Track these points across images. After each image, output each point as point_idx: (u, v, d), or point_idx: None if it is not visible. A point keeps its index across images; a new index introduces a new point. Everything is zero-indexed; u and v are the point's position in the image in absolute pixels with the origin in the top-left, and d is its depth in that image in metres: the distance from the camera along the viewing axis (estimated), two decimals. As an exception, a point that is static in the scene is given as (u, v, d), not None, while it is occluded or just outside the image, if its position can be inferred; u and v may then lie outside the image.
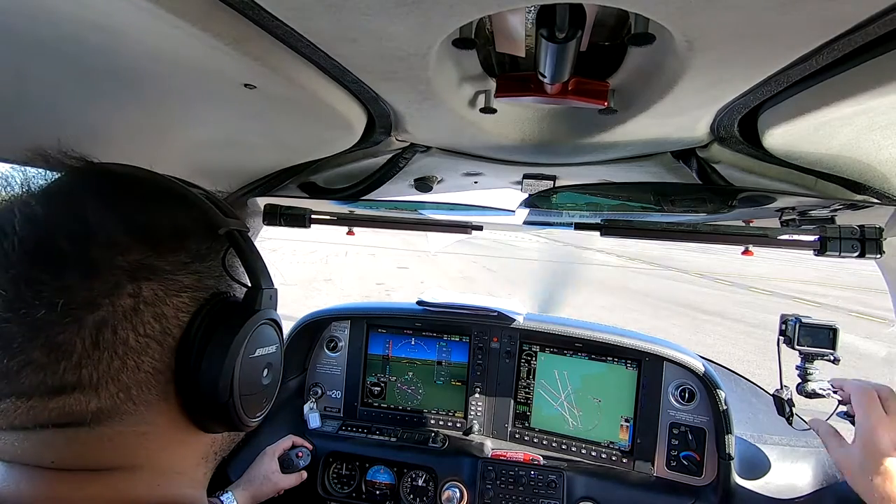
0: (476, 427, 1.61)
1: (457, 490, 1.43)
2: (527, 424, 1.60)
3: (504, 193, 1.32)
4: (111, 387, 0.38)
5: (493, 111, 0.69)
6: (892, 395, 0.80)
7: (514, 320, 1.61)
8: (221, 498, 1.18)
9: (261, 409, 0.49)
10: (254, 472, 1.31)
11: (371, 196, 1.08)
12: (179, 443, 0.44)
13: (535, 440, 1.57)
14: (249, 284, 0.48)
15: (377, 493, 1.52)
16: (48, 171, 0.45)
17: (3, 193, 0.41)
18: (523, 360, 1.62)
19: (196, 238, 0.45)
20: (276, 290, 0.50)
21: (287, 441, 1.43)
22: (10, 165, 0.46)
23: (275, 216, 1.13)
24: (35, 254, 0.36)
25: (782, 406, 0.99)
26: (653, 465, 1.45)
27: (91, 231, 0.38)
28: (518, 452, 1.52)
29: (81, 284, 0.37)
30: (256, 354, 0.46)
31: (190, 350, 0.42)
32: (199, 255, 0.45)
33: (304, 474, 1.40)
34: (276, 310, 0.50)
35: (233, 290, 0.48)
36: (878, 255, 0.84)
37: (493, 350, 1.62)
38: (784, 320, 0.98)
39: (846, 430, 0.86)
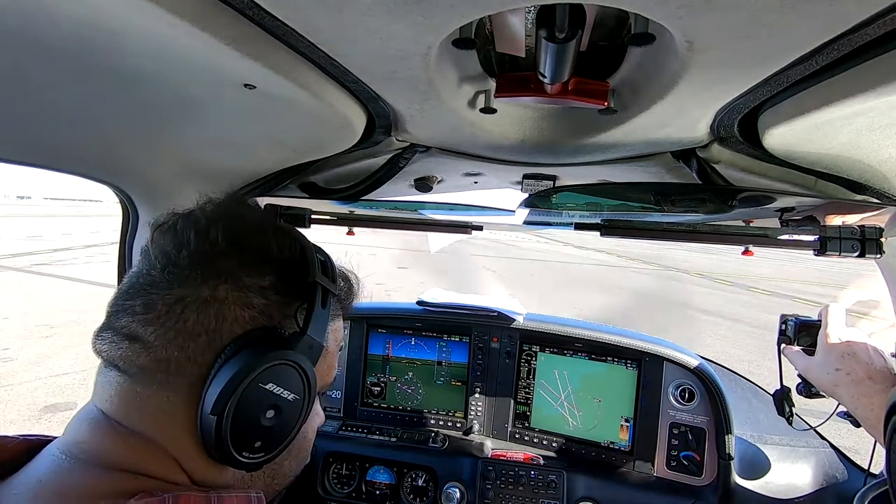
0: (476, 427, 1.60)
1: (457, 490, 1.43)
2: (527, 424, 1.60)
3: (504, 193, 1.32)
4: (158, 352, 0.44)
5: (493, 111, 0.69)
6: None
7: (514, 320, 1.61)
8: None
9: (252, 450, 0.47)
10: None
11: (371, 196, 1.08)
12: (194, 446, 0.46)
13: (535, 440, 1.57)
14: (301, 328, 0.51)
15: (377, 493, 1.52)
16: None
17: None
18: (523, 360, 1.62)
19: (283, 274, 0.51)
20: (321, 345, 0.52)
21: None
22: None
23: (275, 216, 1.13)
24: (177, 236, 0.49)
25: (782, 406, 0.99)
26: (653, 465, 1.45)
27: (211, 233, 0.49)
28: (518, 452, 1.52)
29: (187, 266, 0.46)
30: (267, 387, 0.46)
31: (222, 358, 0.45)
32: (280, 290, 0.50)
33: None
34: (314, 364, 0.51)
35: (291, 330, 0.51)
36: (878, 255, 0.84)
37: (493, 350, 1.62)
38: (784, 320, 0.98)
39: (847, 430, 0.87)
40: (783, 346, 0.96)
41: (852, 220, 0.89)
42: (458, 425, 1.64)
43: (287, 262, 0.52)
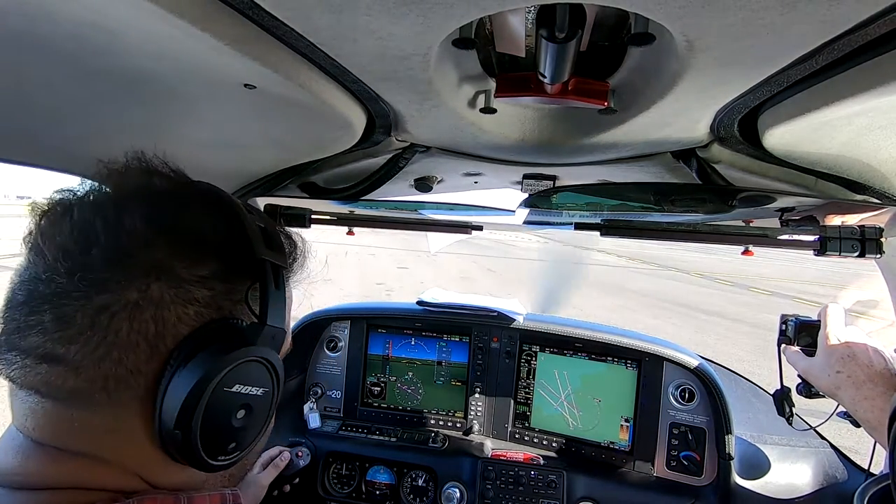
0: (476, 427, 1.60)
1: (457, 490, 1.43)
2: (527, 424, 1.60)
3: (504, 193, 1.32)
4: (90, 371, 0.38)
5: (493, 111, 0.69)
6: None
7: (514, 320, 1.61)
8: None
9: (225, 453, 0.44)
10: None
11: (371, 196, 1.08)
12: (153, 460, 0.42)
13: (535, 440, 1.57)
14: (259, 317, 0.46)
15: (377, 493, 1.52)
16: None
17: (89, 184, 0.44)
18: (523, 360, 1.62)
19: (225, 257, 0.44)
20: (283, 331, 0.47)
21: (274, 450, 1.38)
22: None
23: (275, 216, 1.13)
24: (79, 228, 0.39)
25: (782, 406, 0.99)
26: (653, 465, 1.45)
27: (126, 220, 0.40)
28: (518, 452, 1.52)
29: (101, 265, 0.39)
30: (233, 389, 0.42)
31: (172, 363, 0.40)
32: (222, 274, 0.44)
33: (281, 465, 1.32)
34: (278, 352, 0.47)
35: (247, 318, 0.46)
36: (878, 255, 0.84)
37: (493, 350, 1.62)
38: (784, 320, 0.98)
39: (847, 430, 0.87)
40: (783, 346, 0.96)
41: (852, 220, 0.89)
42: (458, 425, 1.64)
43: (226, 241, 0.45)
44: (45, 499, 0.38)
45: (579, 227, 1.07)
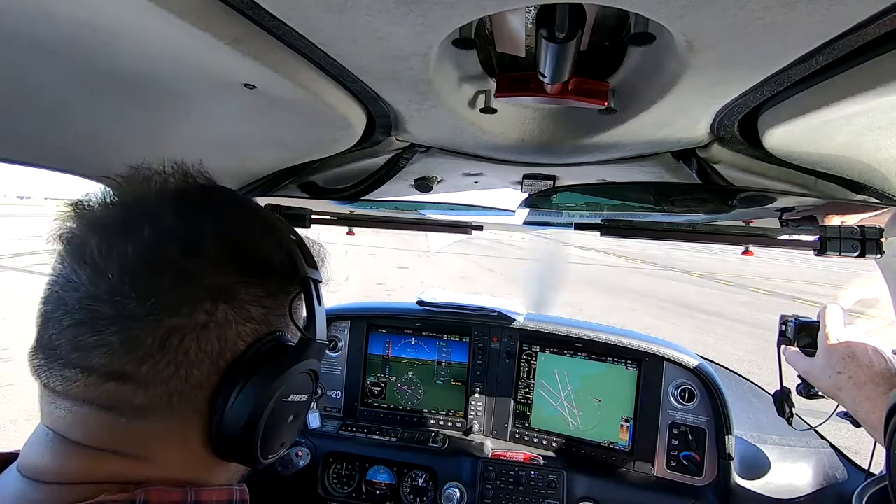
0: (476, 427, 1.60)
1: (457, 490, 1.43)
2: (527, 424, 1.60)
3: (504, 193, 1.32)
4: (158, 388, 0.40)
5: (494, 111, 0.69)
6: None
7: (514, 320, 1.61)
8: None
9: (275, 452, 0.49)
10: None
11: (371, 196, 1.08)
12: (201, 460, 0.45)
13: (535, 440, 1.57)
14: (306, 331, 0.49)
15: (377, 493, 1.52)
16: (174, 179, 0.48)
17: (145, 193, 0.45)
18: (523, 361, 1.62)
19: (276, 277, 0.47)
20: (326, 344, 0.52)
21: None
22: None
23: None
24: (148, 253, 0.40)
25: (782, 406, 0.99)
26: (653, 466, 1.45)
27: (197, 245, 0.42)
28: (518, 452, 1.52)
29: (171, 290, 0.40)
30: (290, 399, 0.47)
31: (234, 378, 0.43)
32: (273, 293, 0.47)
33: None
34: (320, 361, 0.51)
35: (290, 331, 0.49)
36: (878, 255, 0.84)
37: (493, 350, 1.62)
38: (784, 321, 0.98)
39: (847, 430, 0.86)
40: (783, 347, 0.95)
41: (852, 220, 0.89)
42: (458, 425, 1.64)
43: (277, 262, 0.48)
44: (77, 492, 0.39)
45: (579, 227, 1.07)
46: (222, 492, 0.44)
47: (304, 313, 0.51)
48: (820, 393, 0.90)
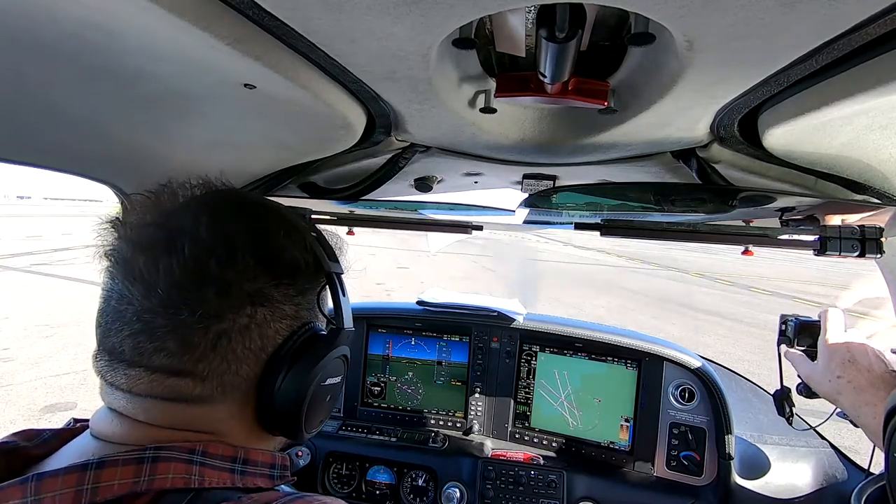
0: (476, 427, 1.60)
1: (457, 490, 1.43)
2: (527, 424, 1.60)
3: (504, 193, 1.32)
4: (213, 381, 0.47)
5: (493, 111, 0.69)
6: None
7: (514, 320, 1.61)
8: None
9: (315, 428, 0.56)
10: None
11: (371, 196, 1.08)
12: (253, 431, 0.52)
13: (535, 440, 1.57)
14: (334, 321, 0.56)
15: (377, 493, 1.52)
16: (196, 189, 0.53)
17: (173, 207, 0.50)
18: (523, 360, 1.62)
19: (304, 276, 0.53)
20: (353, 330, 0.59)
21: None
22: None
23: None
24: (190, 268, 0.45)
25: (782, 406, 0.99)
26: (653, 465, 1.45)
27: (233, 258, 0.47)
28: (518, 452, 1.52)
29: (216, 300, 0.46)
30: (327, 383, 0.54)
31: (276, 367, 0.50)
32: (303, 290, 0.53)
33: None
34: (349, 347, 0.58)
35: (318, 321, 0.55)
36: (878, 255, 0.84)
37: (493, 350, 1.62)
38: (784, 320, 0.98)
39: (847, 430, 0.86)
40: (784, 348, 0.95)
41: (852, 219, 0.89)
42: (458, 425, 1.64)
43: (305, 262, 0.53)
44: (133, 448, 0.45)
45: (579, 226, 1.07)
46: (266, 455, 0.51)
47: (331, 304, 0.57)
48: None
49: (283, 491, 0.48)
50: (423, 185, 1.21)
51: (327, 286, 0.56)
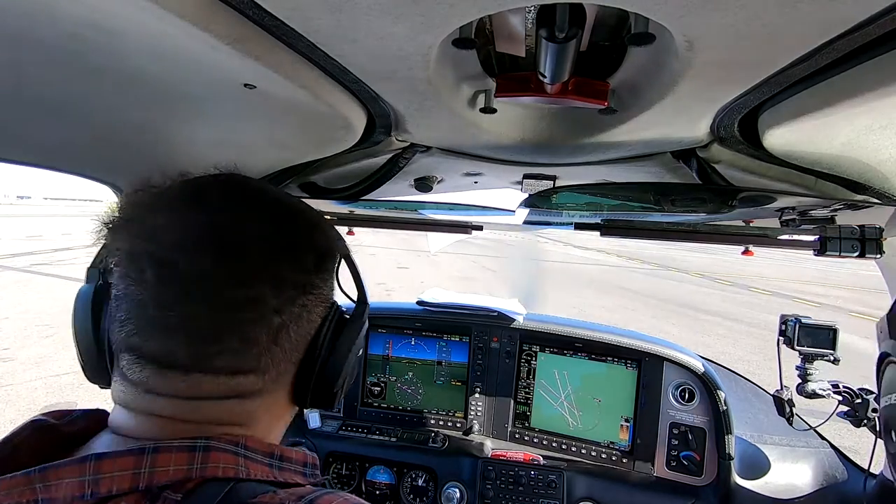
0: (476, 427, 1.61)
1: (457, 490, 1.44)
2: (527, 424, 1.60)
3: (504, 193, 1.32)
4: (273, 372, 0.48)
5: (493, 111, 0.69)
6: None
7: (514, 320, 1.61)
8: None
9: (345, 393, 0.60)
10: None
11: (371, 196, 1.08)
12: (280, 414, 0.54)
13: (535, 440, 1.57)
14: (355, 298, 0.61)
15: (377, 493, 1.52)
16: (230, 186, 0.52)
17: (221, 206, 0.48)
18: (523, 360, 1.62)
19: (330, 260, 0.55)
20: (368, 304, 0.62)
21: None
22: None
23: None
24: (242, 266, 0.45)
25: (782, 406, 0.99)
26: (653, 465, 1.45)
27: (281, 254, 0.48)
28: (518, 452, 1.52)
29: (271, 295, 0.46)
30: (359, 354, 0.58)
31: (318, 347, 0.52)
32: (329, 274, 0.55)
33: None
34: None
35: (337, 299, 0.58)
36: (878, 255, 0.84)
37: (493, 350, 1.62)
38: (784, 321, 0.98)
39: (847, 431, 0.87)
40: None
41: (852, 220, 0.89)
42: (458, 425, 1.64)
43: (325, 247, 0.55)
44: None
45: (579, 226, 1.07)
46: (300, 454, 0.51)
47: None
48: (819, 392, 0.90)
49: (313, 488, 0.48)
50: (424, 185, 1.21)
51: (347, 267, 0.60)
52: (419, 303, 1.70)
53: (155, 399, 0.45)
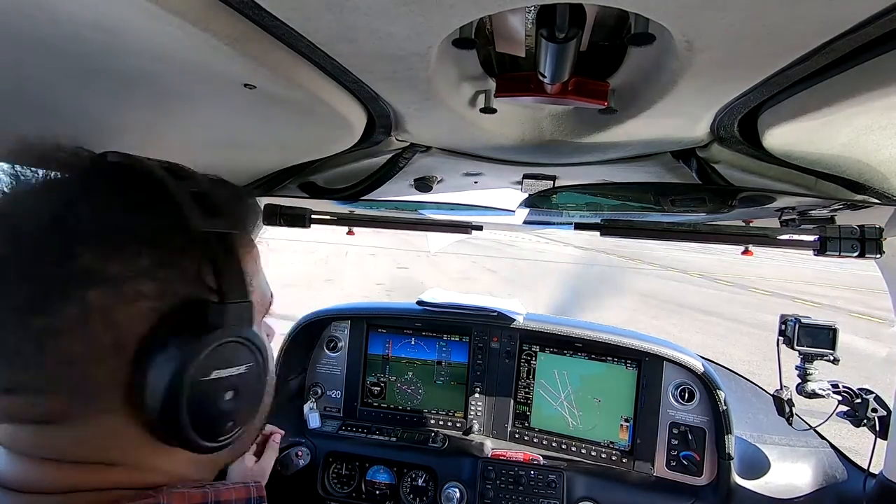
0: (476, 427, 1.61)
1: (456, 490, 1.43)
2: (527, 424, 1.60)
3: (504, 193, 1.32)
4: (61, 392, 0.37)
5: (493, 111, 0.69)
6: None
7: (514, 320, 1.61)
8: None
9: (225, 433, 0.44)
10: (234, 472, 1.16)
11: (371, 196, 1.08)
12: (157, 450, 0.42)
13: (535, 440, 1.57)
14: (221, 294, 0.43)
15: (377, 493, 1.52)
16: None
17: None
18: (523, 360, 1.62)
19: (163, 240, 0.41)
20: (249, 303, 0.45)
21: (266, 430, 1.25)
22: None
23: (274, 216, 1.13)
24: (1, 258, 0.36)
25: (782, 406, 0.99)
26: (652, 465, 1.45)
27: (45, 233, 0.37)
28: (518, 452, 1.52)
29: (30, 290, 0.36)
30: (212, 377, 0.41)
31: (144, 365, 0.39)
32: (167, 259, 0.41)
33: (276, 445, 1.20)
34: (251, 325, 0.45)
35: (209, 296, 0.43)
36: (878, 255, 0.84)
37: (492, 350, 1.62)
38: (784, 321, 0.98)
39: (847, 431, 0.87)
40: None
41: (852, 219, 0.89)
42: (458, 425, 1.64)
43: (155, 222, 0.41)
44: (64, 500, 0.38)
45: (579, 227, 1.07)
46: (240, 490, 0.43)
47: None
48: (819, 392, 0.90)
49: None
50: (423, 185, 1.21)
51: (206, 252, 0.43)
52: (419, 303, 1.70)
53: None
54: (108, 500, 0.38)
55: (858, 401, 1.07)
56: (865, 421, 1.05)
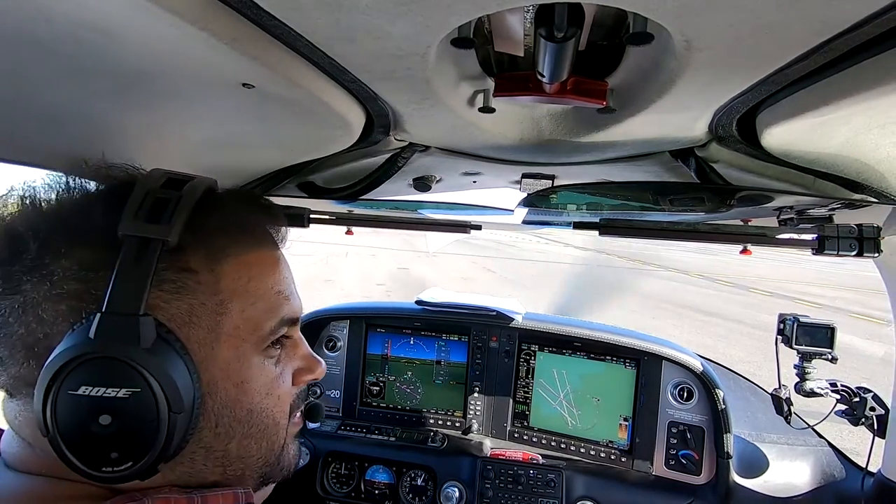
0: (475, 426, 1.61)
1: (456, 489, 1.44)
2: (526, 424, 1.60)
3: (503, 193, 1.32)
4: (10, 369, 0.38)
5: (492, 110, 0.69)
6: None
7: (513, 320, 1.61)
8: None
9: (106, 462, 0.37)
10: None
11: (370, 196, 1.08)
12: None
13: (534, 439, 1.57)
14: (106, 304, 0.38)
15: (376, 492, 1.52)
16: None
17: None
18: (522, 360, 1.62)
19: (89, 242, 0.40)
20: (134, 318, 0.38)
21: None
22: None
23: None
24: None
25: (781, 405, 0.99)
26: (651, 464, 1.45)
27: (9, 224, 0.40)
28: (517, 452, 1.52)
29: None
30: (79, 392, 0.36)
31: (42, 364, 0.36)
32: (91, 262, 0.39)
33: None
34: (141, 344, 0.38)
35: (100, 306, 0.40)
36: (876, 254, 0.84)
37: (491, 349, 1.62)
38: (782, 320, 0.99)
39: (847, 431, 0.87)
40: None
41: (850, 218, 0.89)
42: (458, 425, 1.64)
43: (91, 225, 0.40)
44: (50, 486, 0.39)
45: (578, 226, 1.07)
46: (227, 496, 0.42)
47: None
48: (817, 391, 0.91)
49: None
50: (422, 184, 1.21)
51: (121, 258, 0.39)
52: (418, 302, 1.70)
53: None
54: (96, 495, 0.38)
55: (857, 399, 1.07)
56: (864, 420, 1.05)
